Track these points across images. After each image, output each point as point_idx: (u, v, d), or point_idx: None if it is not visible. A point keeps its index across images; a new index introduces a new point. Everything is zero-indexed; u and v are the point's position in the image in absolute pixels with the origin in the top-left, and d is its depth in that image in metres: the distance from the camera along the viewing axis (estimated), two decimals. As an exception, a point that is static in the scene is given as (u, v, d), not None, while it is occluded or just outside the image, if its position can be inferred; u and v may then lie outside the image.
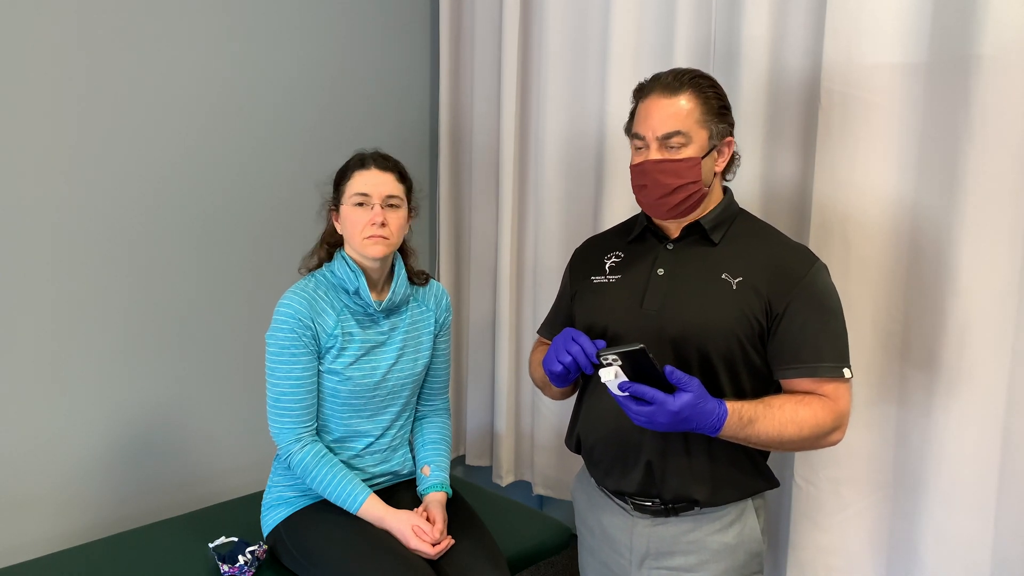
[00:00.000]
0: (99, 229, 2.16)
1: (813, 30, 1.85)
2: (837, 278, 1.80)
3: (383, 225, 1.75)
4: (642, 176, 1.52)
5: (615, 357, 1.37)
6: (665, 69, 2.10)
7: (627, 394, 1.38)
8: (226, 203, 2.37)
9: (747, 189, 1.97)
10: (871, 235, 1.78)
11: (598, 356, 1.41)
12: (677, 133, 1.48)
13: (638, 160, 1.53)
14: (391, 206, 1.78)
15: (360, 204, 1.76)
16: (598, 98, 2.30)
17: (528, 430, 2.67)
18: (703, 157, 1.50)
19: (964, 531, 1.69)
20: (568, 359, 1.49)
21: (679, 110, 1.48)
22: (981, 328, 1.63)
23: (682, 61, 2.09)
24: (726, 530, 1.56)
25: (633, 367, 1.37)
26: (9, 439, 2.08)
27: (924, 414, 1.73)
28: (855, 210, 1.78)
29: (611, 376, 1.38)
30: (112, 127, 2.14)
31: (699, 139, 1.49)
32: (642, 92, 1.56)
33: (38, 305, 2.08)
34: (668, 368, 1.37)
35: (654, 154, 1.50)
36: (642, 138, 1.52)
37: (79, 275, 2.14)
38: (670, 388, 1.38)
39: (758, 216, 1.94)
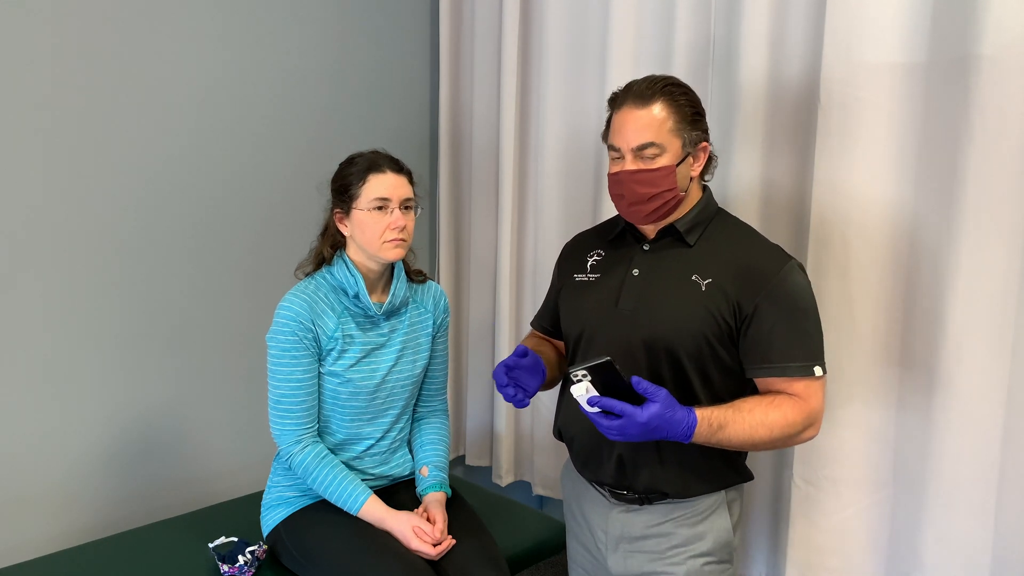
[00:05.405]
0: (102, 228, 2.15)
1: (813, 30, 1.85)
2: (836, 278, 1.81)
3: (403, 229, 1.76)
4: (618, 186, 1.55)
5: (584, 372, 1.38)
6: (665, 69, 2.15)
7: (597, 409, 1.40)
8: (224, 203, 2.37)
9: (746, 189, 1.97)
10: (870, 235, 1.77)
11: (568, 374, 1.43)
12: (651, 144, 1.50)
13: (614, 170, 1.56)
14: (407, 208, 1.78)
15: (380, 208, 1.75)
16: (598, 99, 2.30)
17: (528, 430, 2.67)
18: (678, 164, 1.52)
19: (964, 531, 1.69)
20: (511, 392, 1.57)
21: (652, 121, 1.50)
22: (980, 328, 1.63)
23: (682, 61, 2.09)
24: (696, 522, 1.60)
25: (603, 380, 1.39)
26: (9, 439, 2.08)
27: (923, 415, 1.73)
28: (854, 210, 1.78)
29: (582, 391, 1.39)
30: (109, 128, 2.14)
31: (673, 148, 1.51)
32: (616, 102, 1.57)
33: (38, 305, 2.08)
34: (635, 379, 1.38)
35: (629, 165, 1.53)
36: (617, 149, 1.54)
37: (79, 274, 2.14)
38: (639, 399, 1.40)
39: (754, 216, 1.96)
